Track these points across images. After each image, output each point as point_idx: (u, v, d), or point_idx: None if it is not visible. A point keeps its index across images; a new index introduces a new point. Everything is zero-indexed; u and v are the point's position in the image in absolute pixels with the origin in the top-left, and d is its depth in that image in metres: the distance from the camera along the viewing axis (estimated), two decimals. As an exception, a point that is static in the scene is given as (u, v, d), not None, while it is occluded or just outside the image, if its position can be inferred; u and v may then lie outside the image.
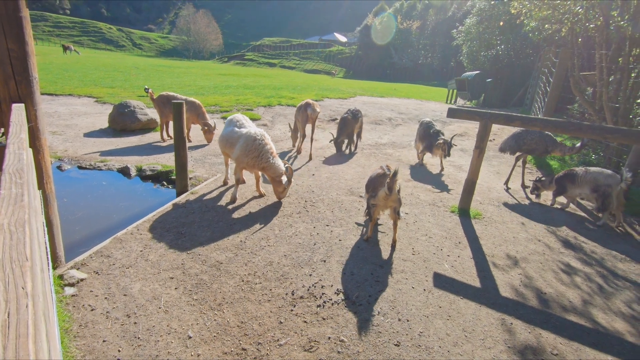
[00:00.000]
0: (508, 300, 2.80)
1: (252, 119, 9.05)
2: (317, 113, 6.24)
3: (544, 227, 4.22)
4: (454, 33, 22.03)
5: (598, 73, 6.62)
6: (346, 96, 14.34)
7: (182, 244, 3.20)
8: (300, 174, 5.42)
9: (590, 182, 4.33)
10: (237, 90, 13.76)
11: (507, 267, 3.28)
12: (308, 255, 3.16)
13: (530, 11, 8.51)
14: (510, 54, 16.65)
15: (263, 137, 4.08)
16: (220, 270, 2.86)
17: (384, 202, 3.20)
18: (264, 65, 47.92)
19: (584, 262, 3.51)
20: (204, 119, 6.55)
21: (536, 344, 2.34)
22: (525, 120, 4.04)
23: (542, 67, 11.48)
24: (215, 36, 61.62)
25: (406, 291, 2.77)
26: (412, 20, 46.80)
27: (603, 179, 4.23)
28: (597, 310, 2.78)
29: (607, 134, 3.61)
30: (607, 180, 4.20)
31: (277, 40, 64.92)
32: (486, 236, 3.87)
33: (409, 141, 8.21)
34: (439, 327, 2.41)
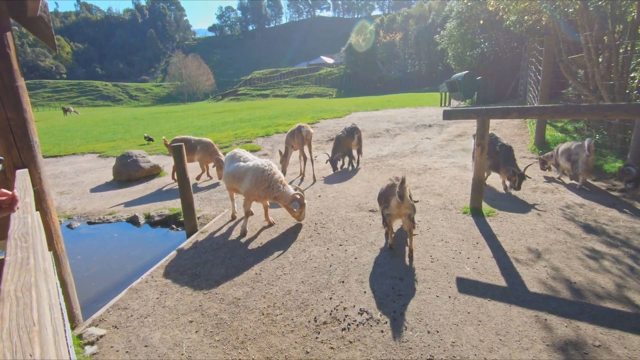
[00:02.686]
0: (538, 296, 2.69)
1: (252, 150, 9.16)
2: (311, 134, 6.34)
3: (560, 215, 4.12)
4: (437, 38, 22.46)
5: (586, 54, 6.65)
6: (341, 115, 14.51)
7: (197, 285, 3.16)
8: (306, 196, 5.40)
9: (565, 152, 5.05)
10: (234, 125, 14.01)
11: (531, 261, 3.18)
12: (325, 278, 3.09)
13: (507, 6, 8.68)
14: (495, 49, 16.86)
15: (271, 167, 4.11)
16: (239, 306, 2.80)
17: (397, 210, 3.21)
18: (257, 97, 48.98)
19: (609, 245, 3.39)
20: (217, 155, 6.66)
21: (575, 338, 2.23)
22: (522, 111, 4.02)
23: (530, 57, 11.57)
24: (206, 77, 63.42)
25: (431, 301, 2.68)
26: (395, 33, 47.96)
27: (574, 149, 4.89)
28: (633, 292, 2.66)
29: (607, 112, 3.58)
30: (576, 149, 4.85)
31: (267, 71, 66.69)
32: (503, 232, 3.78)
33: (410, 149, 8.21)
34: (471, 334, 2.31)
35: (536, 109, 3.94)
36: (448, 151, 7.75)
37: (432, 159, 7.14)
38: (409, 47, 46.24)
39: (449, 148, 8.03)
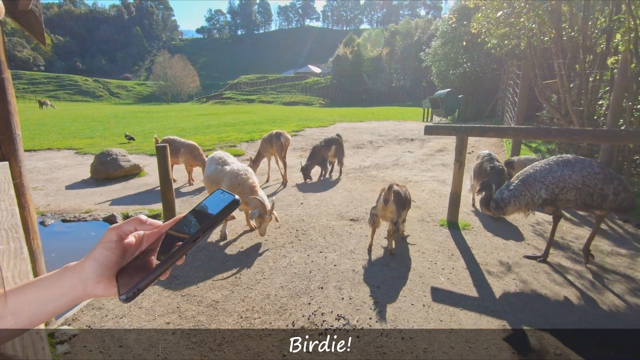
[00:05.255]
0: (506, 306, 2.83)
1: (236, 154, 9.13)
2: (289, 140, 6.46)
3: (531, 231, 4.33)
4: (422, 55, 23.17)
5: (559, 80, 7.05)
6: (326, 124, 14.68)
7: (175, 287, 3.14)
8: (289, 203, 5.45)
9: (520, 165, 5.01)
10: (218, 129, 13.93)
11: (501, 274, 3.33)
12: (305, 284, 3.14)
13: (489, 30, 9.12)
14: (476, 70, 17.57)
15: (246, 172, 4.12)
16: (217, 309, 2.80)
17: (383, 212, 3.56)
18: (243, 102, 48.82)
19: (573, 260, 3.60)
20: (202, 160, 6.57)
21: (539, 346, 2.36)
22: (498, 130, 4.24)
23: (508, 80, 12.13)
24: (192, 78, 62.79)
25: (406, 309, 2.77)
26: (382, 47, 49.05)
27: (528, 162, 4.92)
28: (593, 306, 2.83)
29: (575, 136, 3.83)
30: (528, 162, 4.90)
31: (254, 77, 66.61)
32: (477, 245, 3.94)
33: (392, 162, 8.40)
34: (443, 341, 2.41)
35: (511, 129, 4.17)
36: (428, 165, 7.98)
37: (412, 172, 7.33)
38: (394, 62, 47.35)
39: (430, 162, 8.27)
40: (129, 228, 0.59)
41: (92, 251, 0.56)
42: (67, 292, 0.54)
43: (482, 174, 4.69)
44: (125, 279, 0.55)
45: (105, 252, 0.56)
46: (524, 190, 3.33)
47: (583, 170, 3.16)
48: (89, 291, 0.54)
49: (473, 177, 5.00)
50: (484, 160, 4.83)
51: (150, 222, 0.60)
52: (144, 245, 0.60)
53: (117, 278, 0.56)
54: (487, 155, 4.90)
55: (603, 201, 3.13)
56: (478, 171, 4.80)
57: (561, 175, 3.18)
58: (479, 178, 4.71)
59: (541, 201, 3.29)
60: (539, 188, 3.26)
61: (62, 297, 0.53)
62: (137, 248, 0.60)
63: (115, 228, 0.58)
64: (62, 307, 0.54)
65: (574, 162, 3.23)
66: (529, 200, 3.33)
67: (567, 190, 3.16)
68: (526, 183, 3.35)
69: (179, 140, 6.72)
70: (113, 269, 0.56)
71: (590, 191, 3.11)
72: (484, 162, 4.75)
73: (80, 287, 0.54)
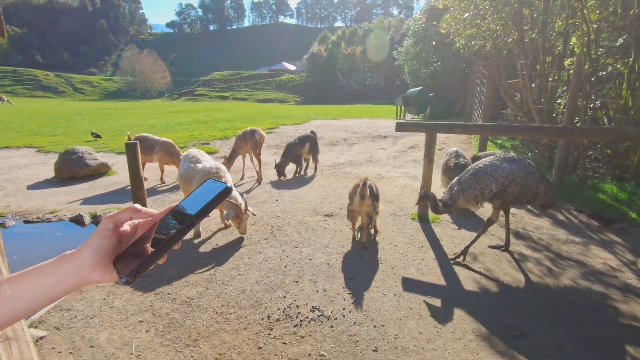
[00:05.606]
0: (471, 293, 3.00)
1: (210, 152, 9.00)
2: (264, 137, 6.47)
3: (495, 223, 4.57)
4: (394, 54, 23.59)
5: (521, 80, 7.43)
6: (301, 121, 14.70)
7: (148, 285, 3.10)
8: (264, 200, 5.46)
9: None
10: (190, 126, 13.63)
11: (468, 263, 3.51)
12: (280, 278, 3.18)
13: (457, 30, 9.45)
14: (446, 69, 18.12)
15: (219, 170, 4.09)
16: (192, 306, 2.80)
17: (359, 207, 3.66)
18: (216, 99, 47.85)
19: (533, 249, 3.84)
20: (179, 158, 6.40)
21: (500, 328, 2.53)
22: (464, 127, 4.44)
23: (476, 79, 12.61)
24: (162, 74, 60.76)
25: (378, 299, 2.88)
26: (355, 46, 49.49)
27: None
28: (549, 290, 3.05)
29: (534, 132, 4.08)
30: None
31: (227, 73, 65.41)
32: (446, 237, 4.12)
33: (366, 158, 8.56)
34: (412, 327, 2.53)
35: (476, 126, 4.38)
36: (401, 161, 8.20)
37: (385, 169, 7.51)
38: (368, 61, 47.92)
39: (402, 159, 8.50)
40: (124, 216, 0.61)
41: (88, 239, 0.58)
42: (64, 278, 0.56)
43: (448, 170, 4.93)
44: (122, 265, 0.58)
45: (102, 240, 0.58)
46: (474, 183, 3.44)
47: (526, 168, 3.39)
48: (85, 277, 0.57)
49: (442, 172, 5.22)
50: (451, 156, 5.05)
51: (145, 211, 0.62)
52: (139, 233, 0.63)
53: (115, 264, 0.58)
54: (454, 152, 5.13)
55: (535, 198, 3.44)
56: (445, 167, 5.03)
57: (510, 169, 3.35)
58: (446, 173, 4.98)
59: (492, 194, 3.41)
60: (490, 182, 3.39)
61: (59, 283, 0.56)
62: (132, 236, 0.63)
63: (111, 217, 0.60)
64: (59, 294, 0.56)
65: (517, 160, 3.46)
66: (478, 194, 3.44)
67: (514, 184, 3.35)
68: (477, 177, 3.46)
69: (153, 138, 6.52)
70: (109, 256, 0.59)
71: (527, 189, 3.38)
72: (450, 159, 4.97)
73: (77, 274, 0.56)
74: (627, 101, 5.68)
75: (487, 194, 3.42)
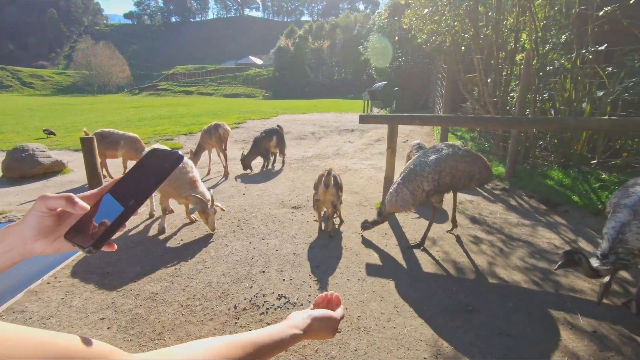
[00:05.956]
0: (430, 275, 3.18)
1: (174, 148, 8.75)
2: (229, 132, 6.42)
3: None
4: (360, 49, 23.87)
5: (478, 75, 7.81)
6: (268, 116, 14.60)
7: (109, 283, 3.02)
8: (231, 195, 5.42)
9: None
10: (153, 122, 13.16)
11: (428, 247, 3.70)
12: (247, 270, 3.21)
13: (418, 26, 9.73)
14: (410, 64, 18.58)
15: (185, 165, 4.01)
16: (157, 300, 2.77)
17: (324, 196, 3.80)
18: (180, 94, 46.30)
19: (487, 232, 4.11)
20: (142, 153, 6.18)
21: (455, 305, 2.71)
22: (423, 119, 4.63)
23: (437, 74, 13.07)
24: (121, 68, 57.88)
25: (342, 284, 2.98)
26: (322, 40, 49.55)
27: None
28: (500, 268, 3.29)
29: (487, 123, 4.34)
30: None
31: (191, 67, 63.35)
32: (408, 224, 4.31)
33: (333, 152, 8.68)
34: (374, 309, 2.65)
35: (435, 117, 4.59)
36: (367, 154, 8.39)
37: (352, 161, 7.66)
38: (335, 55, 48.17)
39: (368, 151, 8.69)
40: (57, 203, 0.59)
41: (26, 214, 0.59)
42: (10, 248, 0.58)
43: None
44: (80, 238, 0.59)
45: (38, 218, 0.58)
46: (402, 187, 3.41)
47: (454, 155, 3.43)
48: (28, 248, 0.59)
49: (405, 163, 5.42)
50: (413, 148, 5.25)
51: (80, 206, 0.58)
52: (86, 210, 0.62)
53: (70, 238, 0.59)
54: (417, 144, 5.34)
55: (471, 180, 3.53)
56: (408, 159, 5.21)
57: (437, 161, 3.36)
58: None
59: (425, 194, 3.38)
60: (420, 182, 3.35)
61: (7, 252, 0.58)
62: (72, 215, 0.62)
63: (44, 201, 0.58)
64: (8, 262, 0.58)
65: (444, 149, 3.50)
66: (406, 197, 3.38)
67: (445, 175, 3.36)
68: (406, 180, 3.42)
69: (118, 133, 6.22)
70: (49, 230, 0.60)
71: (460, 174, 3.44)
72: (412, 150, 5.17)
73: (20, 243, 0.58)
74: (571, 94, 6.15)
75: (420, 194, 3.38)
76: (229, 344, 0.64)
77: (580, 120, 4.25)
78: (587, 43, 5.94)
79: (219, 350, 0.62)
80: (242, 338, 0.68)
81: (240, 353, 0.64)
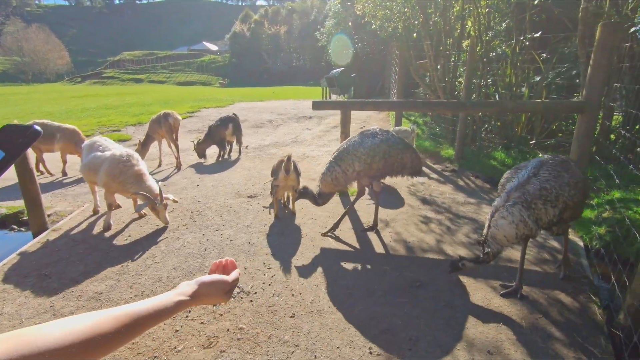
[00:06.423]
0: (382, 256, 3.29)
1: (121, 139, 8.27)
2: (179, 121, 6.19)
3: (407, 191, 5.01)
4: (317, 35, 23.65)
5: (428, 61, 8.06)
6: (224, 104, 14.16)
7: (48, 285, 2.82)
8: (183, 186, 5.23)
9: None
10: (97, 112, 12.28)
11: (381, 229, 3.82)
12: (199, 262, 3.14)
13: (371, 12, 9.81)
14: (367, 50, 18.74)
15: (130, 158, 3.76)
16: (101, 300, 2.63)
17: (285, 182, 3.81)
18: (129, 82, 43.45)
19: (436, 212, 4.31)
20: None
21: (404, 282, 2.84)
22: (375, 104, 4.72)
23: (392, 60, 13.31)
24: (59, 54, 53.01)
25: (297, 270, 3.01)
26: (279, 25, 48.44)
27: (402, 133, 5.62)
28: (447, 245, 3.49)
29: (434, 107, 4.51)
30: (405, 134, 5.59)
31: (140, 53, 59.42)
32: (362, 208, 4.41)
33: (291, 139, 8.62)
34: (328, 291, 2.71)
35: (386, 102, 4.69)
36: (325, 141, 8.42)
37: (310, 148, 7.66)
38: (293, 41, 47.39)
39: (326, 138, 8.73)
40: None
41: None
42: None
43: None
44: None
45: None
46: (335, 166, 3.42)
47: (388, 141, 3.45)
48: None
49: None
50: None
51: None
52: None
53: None
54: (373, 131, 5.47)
55: (402, 168, 3.57)
56: None
57: (371, 145, 3.38)
58: None
59: (355, 173, 3.40)
60: (352, 161, 3.37)
61: None
62: None
63: None
64: None
65: (379, 134, 3.50)
66: (338, 175, 3.41)
67: (378, 159, 3.38)
68: (338, 159, 3.43)
69: (53, 125, 5.70)
70: None
71: (393, 161, 3.46)
72: None
73: None
74: (511, 79, 6.54)
75: (351, 173, 3.40)
76: (100, 317, 0.62)
77: (517, 104, 4.55)
78: (525, 30, 6.32)
79: (87, 325, 0.60)
80: (115, 310, 0.66)
81: (113, 324, 0.62)
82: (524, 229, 2.32)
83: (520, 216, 2.30)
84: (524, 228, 2.32)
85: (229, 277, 0.91)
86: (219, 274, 0.92)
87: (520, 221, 2.30)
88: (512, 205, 2.33)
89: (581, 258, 3.22)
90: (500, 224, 2.33)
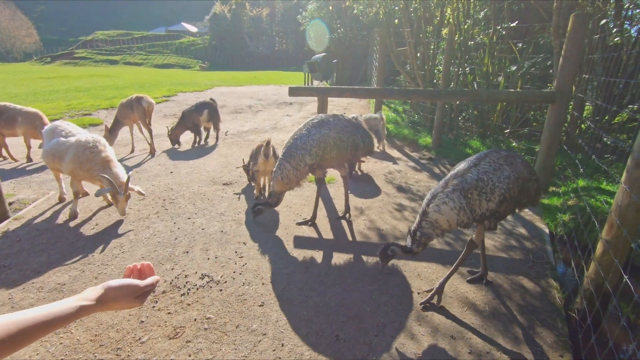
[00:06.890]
0: (355, 243, 3.32)
1: (93, 124, 7.95)
2: (153, 105, 5.97)
3: (384, 179, 5.04)
4: (299, 19, 23.15)
5: (408, 48, 8.02)
6: (203, 88, 13.78)
7: (7, 277, 2.70)
8: (156, 174, 5.09)
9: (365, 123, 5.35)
10: (67, 95, 11.72)
11: (355, 217, 3.84)
12: (169, 251, 3.07)
13: (353, -4, 9.64)
14: (349, 36, 18.50)
15: (97, 144, 3.60)
16: (63, 292, 2.55)
17: (264, 167, 3.85)
18: (103, 64, 41.55)
19: (411, 200, 4.36)
20: None
21: (374, 270, 2.87)
22: (352, 91, 4.67)
23: (374, 46, 13.20)
24: (26, 32, 50.13)
25: (269, 258, 3.00)
26: (261, 8, 47.12)
27: (372, 121, 5.71)
28: (419, 232, 3.53)
29: (410, 95, 4.50)
30: (374, 121, 5.71)
31: (114, 33, 56.67)
32: (338, 196, 4.41)
33: (271, 125, 8.50)
34: (299, 280, 2.71)
35: (363, 90, 4.65)
36: (304, 127, 8.33)
37: (289, 135, 7.56)
38: (276, 25, 46.29)
39: (305, 125, 8.63)
40: None
41: None
42: None
43: None
44: None
45: None
46: (285, 163, 3.25)
47: (336, 126, 3.32)
48: None
49: None
50: None
51: None
52: None
53: None
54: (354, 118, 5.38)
55: (356, 150, 3.45)
56: None
57: (320, 136, 3.22)
58: None
59: (307, 168, 3.26)
60: (302, 155, 3.20)
61: None
62: None
63: None
64: None
65: (327, 121, 3.37)
66: (289, 173, 3.23)
67: (329, 149, 3.25)
68: (288, 155, 3.25)
69: (14, 107, 5.38)
70: None
71: (345, 145, 3.34)
72: None
73: None
74: (488, 68, 6.60)
75: (303, 168, 3.24)
76: None
77: (492, 93, 4.60)
78: (504, 19, 6.35)
79: None
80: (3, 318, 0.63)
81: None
82: (464, 216, 2.28)
83: (460, 203, 2.27)
84: (464, 215, 2.28)
85: (143, 282, 0.87)
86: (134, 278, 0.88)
87: (460, 208, 2.27)
88: (452, 192, 2.29)
89: (546, 244, 3.34)
90: (444, 209, 2.27)
